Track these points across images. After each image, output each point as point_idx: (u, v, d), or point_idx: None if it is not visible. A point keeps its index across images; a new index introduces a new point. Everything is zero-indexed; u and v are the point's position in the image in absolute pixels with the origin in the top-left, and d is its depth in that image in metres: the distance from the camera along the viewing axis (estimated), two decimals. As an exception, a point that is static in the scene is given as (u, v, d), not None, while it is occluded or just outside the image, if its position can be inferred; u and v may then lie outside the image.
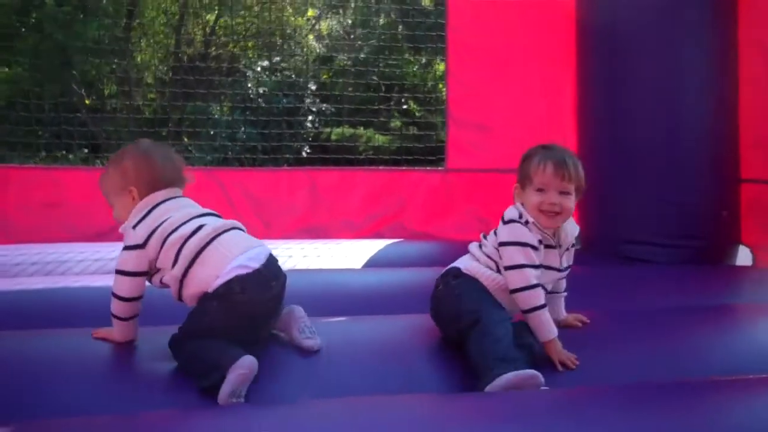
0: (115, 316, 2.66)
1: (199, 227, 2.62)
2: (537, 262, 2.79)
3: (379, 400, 2.37)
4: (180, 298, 2.65)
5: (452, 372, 2.73)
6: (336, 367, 2.67)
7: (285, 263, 4.31)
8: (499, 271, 2.82)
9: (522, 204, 2.86)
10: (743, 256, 5.07)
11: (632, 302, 3.78)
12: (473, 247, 2.94)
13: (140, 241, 2.63)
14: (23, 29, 9.74)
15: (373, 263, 4.71)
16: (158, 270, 2.65)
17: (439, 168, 6.10)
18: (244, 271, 2.55)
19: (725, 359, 2.98)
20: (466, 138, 5.99)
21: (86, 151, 10.68)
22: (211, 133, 11.65)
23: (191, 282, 2.59)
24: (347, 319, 3.16)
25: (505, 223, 2.83)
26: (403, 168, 6.72)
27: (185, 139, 11.35)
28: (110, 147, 10.32)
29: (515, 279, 2.76)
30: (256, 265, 2.59)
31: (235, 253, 2.59)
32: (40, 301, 3.47)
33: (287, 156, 9.68)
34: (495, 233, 2.88)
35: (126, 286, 2.64)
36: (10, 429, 2.05)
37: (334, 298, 3.65)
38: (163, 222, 2.64)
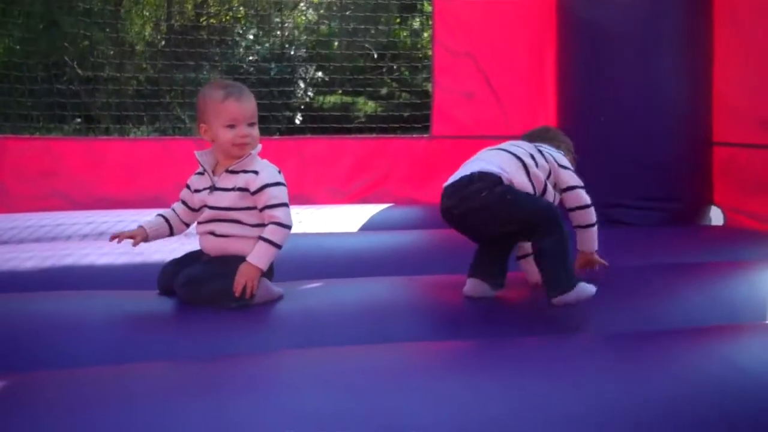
0: (277, 245, 2.84)
1: None
2: None
3: (357, 350, 2.53)
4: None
5: (435, 325, 2.91)
6: (319, 321, 2.85)
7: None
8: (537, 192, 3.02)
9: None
10: (715, 217, 5.24)
11: (608, 261, 3.92)
12: (524, 155, 3.03)
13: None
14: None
15: (367, 227, 4.86)
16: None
17: (425, 135, 6.18)
18: None
19: (692, 311, 3.16)
20: (451, 104, 6.05)
21: (79, 121, 10.72)
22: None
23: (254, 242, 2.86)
24: (335, 282, 3.32)
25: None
26: (389, 135, 6.79)
27: (177, 110, 11.40)
28: (103, 118, 10.38)
29: (579, 197, 3.08)
30: None
31: None
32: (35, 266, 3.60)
33: (278, 126, 9.75)
34: (544, 157, 3.08)
35: (290, 215, 2.89)
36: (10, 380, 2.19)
37: (332, 260, 3.84)
38: None
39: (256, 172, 2.87)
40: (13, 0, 9.65)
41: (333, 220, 4.83)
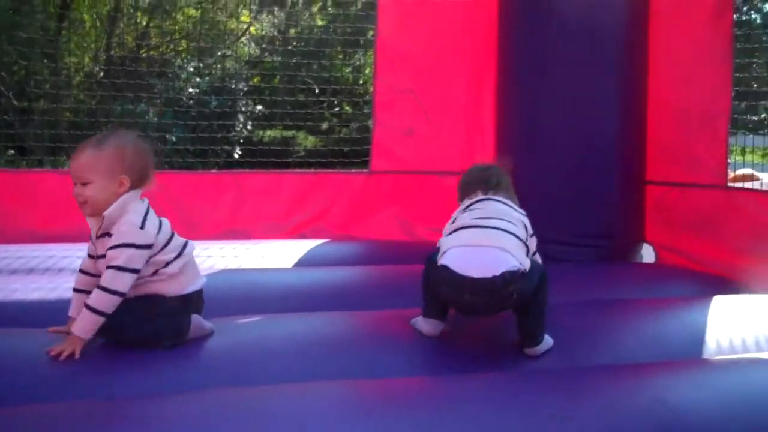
0: (100, 312, 2.63)
1: (187, 241, 2.88)
2: None
3: (288, 388, 2.50)
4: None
5: (370, 362, 2.89)
6: (253, 358, 2.81)
7: (216, 263, 4.47)
8: None
9: None
10: (647, 254, 5.34)
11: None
12: (522, 235, 3.07)
13: (152, 240, 2.72)
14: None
15: (303, 263, 4.81)
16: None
17: (364, 170, 6.18)
18: (199, 287, 2.90)
19: (623, 348, 3.21)
20: (391, 140, 6.07)
21: (11, 153, 10.53)
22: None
23: (171, 281, 2.78)
24: (270, 317, 3.29)
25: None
26: (328, 170, 6.78)
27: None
28: (37, 149, 10.19)
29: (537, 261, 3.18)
30: (201, 287, 2.92)
31: (198, 272, 2.92)
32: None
33: (217, 160, 9.70)
34: (527, 230, 3.14)
35: (127, 282, 2.66)
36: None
37: (266, 295, 3.79)
38: (161, 222, 2.80)
39: (110, 235, 2.72)
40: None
41: (268, 256, 4.79)
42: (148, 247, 2.71)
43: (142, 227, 2.70)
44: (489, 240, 2.96)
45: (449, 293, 2.97)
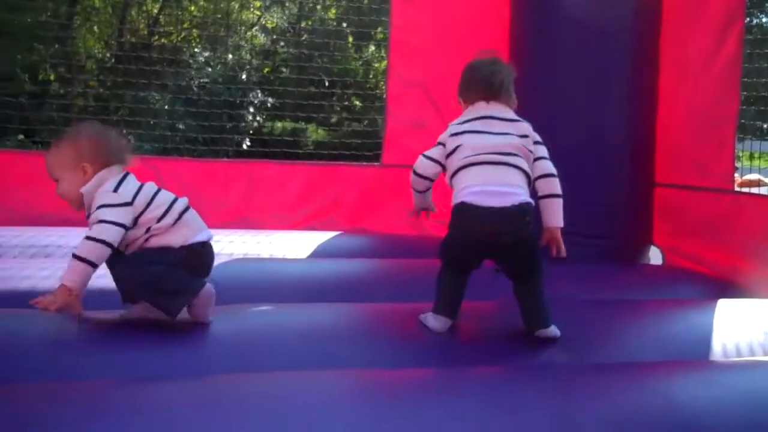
0: (86, 261, 2.73)
1: (176, 198, 2.95)
2: None
3: (295, 375, 2.52)
4: (127, 246, 2.84)
5: (375, 352, 2.91)
6: (263, 345, 2.85)
7: (231, 252, 4.49)
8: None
9: None
10: (654, 256, 5.36)
11: (548, 295, 3.98)
12: (526, 167, 3.13)
13: (128, 199, 2.83)
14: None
15: (315, 255, 4.84)
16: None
17: (375, 163, 6.20)
18: (205, 238, 2.94)
19: (631, 347, 3.22)
20: (402, 134, 6.09)
21: (21, 136, 10.57)
22: (151, 122, 11.61)
23: (172, 233, 2.84)
24: (281, 306, 3.32)
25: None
26: (340, 162, 6.80)
27: (124, 129, 11.29)
28: (47, 132, 10.22)
29: (549, 165, 3.19)
30: (207, 239, 2.96)
31: (201, 225, 2.96)
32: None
33: (227, 148, 9.73)
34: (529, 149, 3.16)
35: (113, 233, 2.75)
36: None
37: (278, 285, 3.82)
38: (141, 186, 2.90)
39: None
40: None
41: (281, 247, 4.82)
42: (126, 204, 2.81)
43: (115, 191, 2.84)
44: (500, 177, 3.05)
45: (469, 227, 3.02)
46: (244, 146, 12.33)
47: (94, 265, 2.76)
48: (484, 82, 3.32)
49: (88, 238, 2.75)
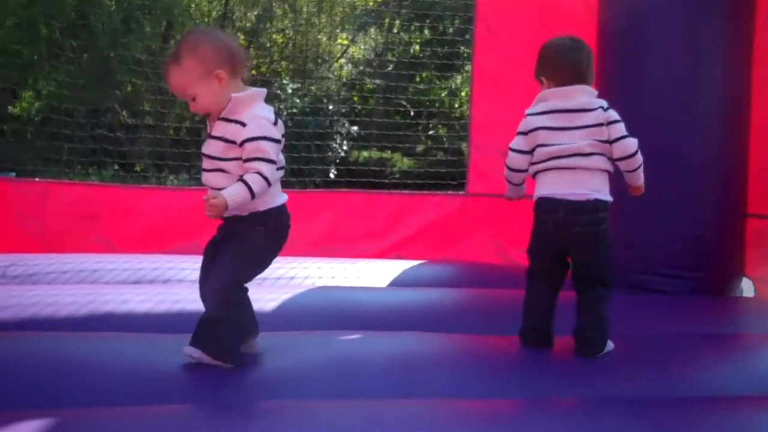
0: (251, 189, 2.67)
1: None
2: None
3: (381, 403, 2.55)
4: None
5: (461, 382, 2.90)
6: (348, 373, 2.87)
7: (315, 281, 4.57)
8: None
9: None
10: (747, 288, 5.20)
11: (638, 328, 3.89)
12: (608, 165, 3.18)
13: (280, 137, 2.79)
14: (73, 44, 9.95)
15: (397, 283, 4.87)
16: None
17: (461, 192, 6.22)
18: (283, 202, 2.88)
19: (722, 381, 3.13)
20: (487, 163, 6.09)
21: (116, 168, 10.92)
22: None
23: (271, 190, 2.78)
24: (366, 333, 3.35)
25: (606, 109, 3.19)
26: (425, 192, 6.84)
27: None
28: (142, 164, 10.55)
29: (630, 145, 3.17)
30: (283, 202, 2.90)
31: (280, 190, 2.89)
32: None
33: (315, 179, 9.87)
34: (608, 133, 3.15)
35: (274, 174, 2.75)
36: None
37: (362, 312, 3.85)
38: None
39: (243, 124, 2.74)
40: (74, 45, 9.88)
41: (366, 275, 4.87)
42: (279, 141, 2.78)
43: (275, 123, 2.78)
44: (576, 182, 3.09)
45: (544, 217, 3.12)
46: (331, 175, 12.50)
47: (252, 198, 2.68)
48: (571, 65, 3.31)
49: (262, 175, 2.66)
